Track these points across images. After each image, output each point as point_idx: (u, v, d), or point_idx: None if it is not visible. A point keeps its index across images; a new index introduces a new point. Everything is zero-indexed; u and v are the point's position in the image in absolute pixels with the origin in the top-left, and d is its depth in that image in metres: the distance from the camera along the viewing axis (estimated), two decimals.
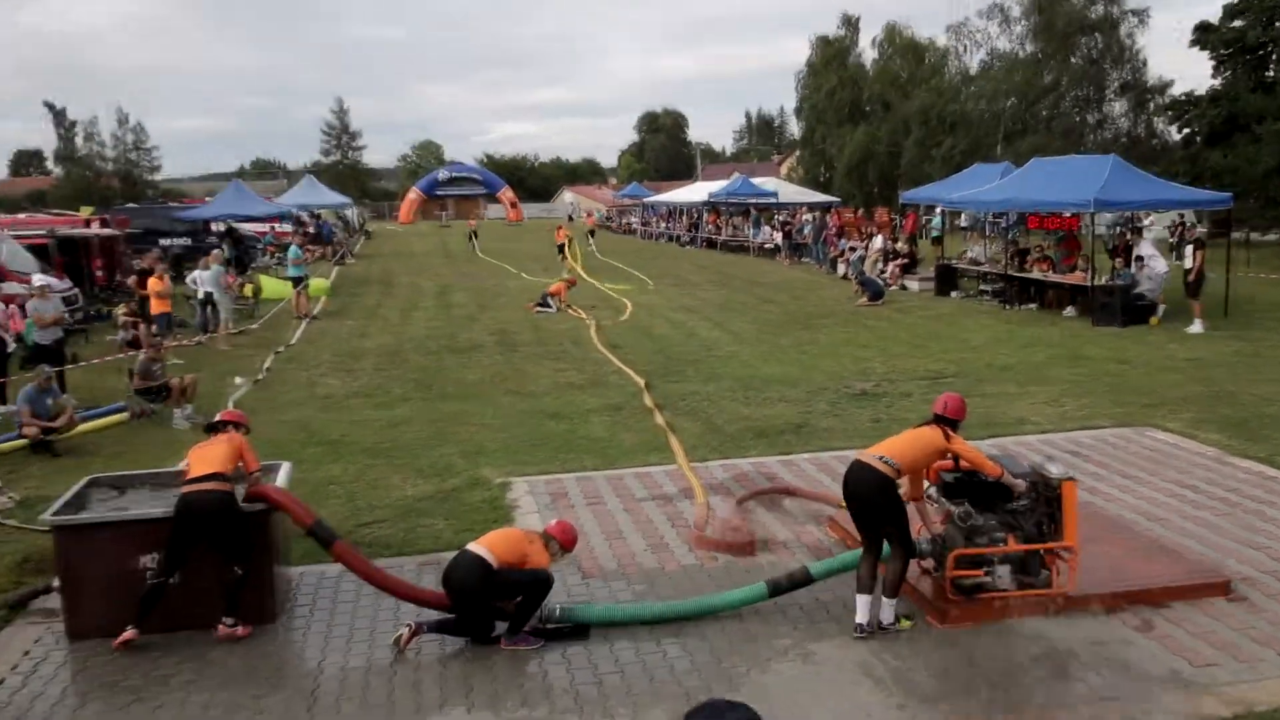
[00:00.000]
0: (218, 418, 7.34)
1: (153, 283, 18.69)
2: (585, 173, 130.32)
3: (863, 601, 6.54)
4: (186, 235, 36.66)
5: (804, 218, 39.55)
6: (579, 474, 10.31)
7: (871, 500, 6.47)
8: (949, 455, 6.73)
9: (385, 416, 13.30)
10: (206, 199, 49.64)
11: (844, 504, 6.81)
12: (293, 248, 26.22)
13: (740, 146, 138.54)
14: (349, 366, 17.23)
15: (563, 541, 6.87)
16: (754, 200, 44.41)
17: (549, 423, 12.67)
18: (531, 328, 21.39)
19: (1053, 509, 6.71)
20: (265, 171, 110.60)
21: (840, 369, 15.86)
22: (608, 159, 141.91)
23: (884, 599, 6.51)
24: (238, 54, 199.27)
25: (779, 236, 39.11)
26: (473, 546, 6.56)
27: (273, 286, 27.12)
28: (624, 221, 66.50)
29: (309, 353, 18.71)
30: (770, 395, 13.94)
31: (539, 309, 23.61)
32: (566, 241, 39.12)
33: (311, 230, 44.78)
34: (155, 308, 18.51)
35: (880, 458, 6.52)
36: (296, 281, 24.47)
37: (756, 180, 47.64)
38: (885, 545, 6.64)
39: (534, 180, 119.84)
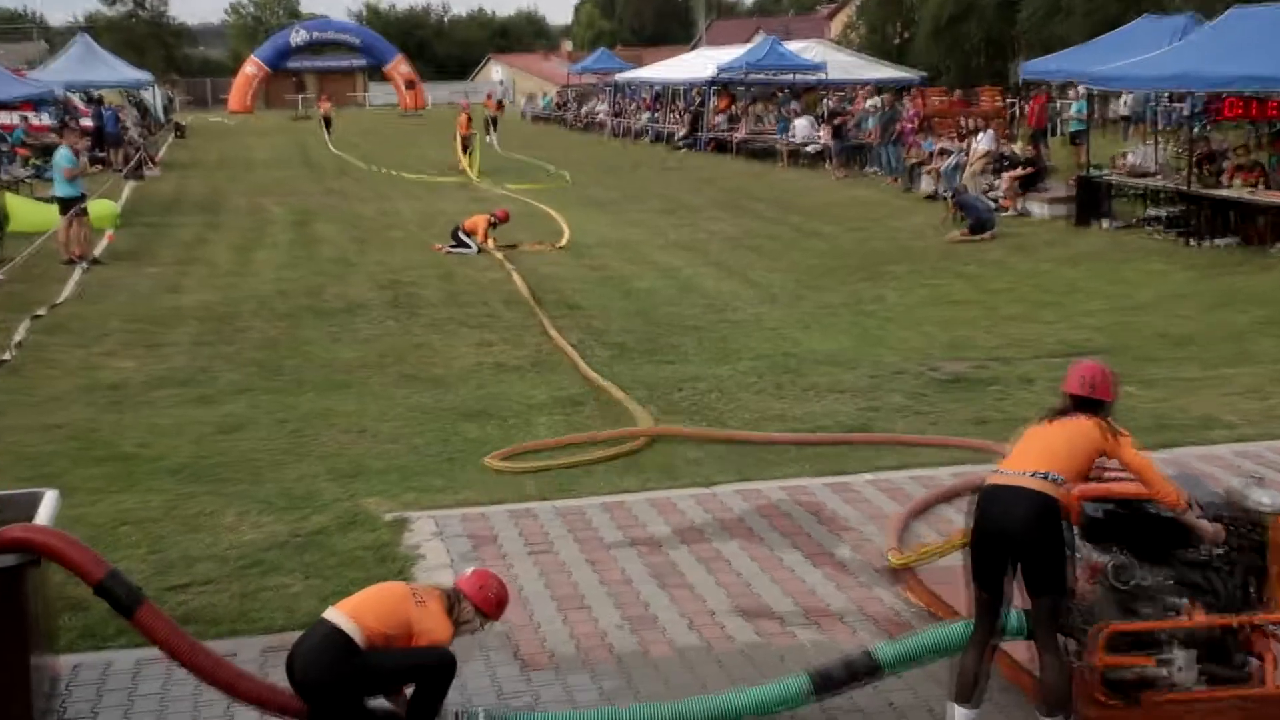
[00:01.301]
0: None
1: None
2: (525, 35, 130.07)
3: (963, 716, 6.48)
4: None
5: (867, 104, 39.57)
6: (515, 505, 10.29)
7: (1031, 541, 6.26)
8: (1097, 474, 6.68)
9: (210, 417, 13.24)
10: None
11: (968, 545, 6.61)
12: (61, 150, 25.95)
13: None
14: (152, 339, 17.14)
15: (478, 601, 6.73)
16: (789, 77, 44.35)
17: (469, 426, 12.66)
18: (441, 277, 21.39)
19: (1260, 561, 6.72)
20: (11, 28, 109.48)
21: (923, 341, 15.92)
22: (559, 14, 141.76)
23: None
24: None
25: (827, 134, 39.10)
26: (331, 614, 6.48)
27: (28, 212, 26.87)
28: (584, 111, 66.46)
29: (88, 317, 18.61)
30: (815, 382, 13.97)
31: (451, 250, 23.83)
32: (470, 136, 40.39)
33: (90, 123, 44.41)
34: None
35: (1042, 474, 6.32)
36: (67, 205, 24.28)
37: (792, 45, 47.58)
38: (1003, 618, 6.55)
39: (444, 47, 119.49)
